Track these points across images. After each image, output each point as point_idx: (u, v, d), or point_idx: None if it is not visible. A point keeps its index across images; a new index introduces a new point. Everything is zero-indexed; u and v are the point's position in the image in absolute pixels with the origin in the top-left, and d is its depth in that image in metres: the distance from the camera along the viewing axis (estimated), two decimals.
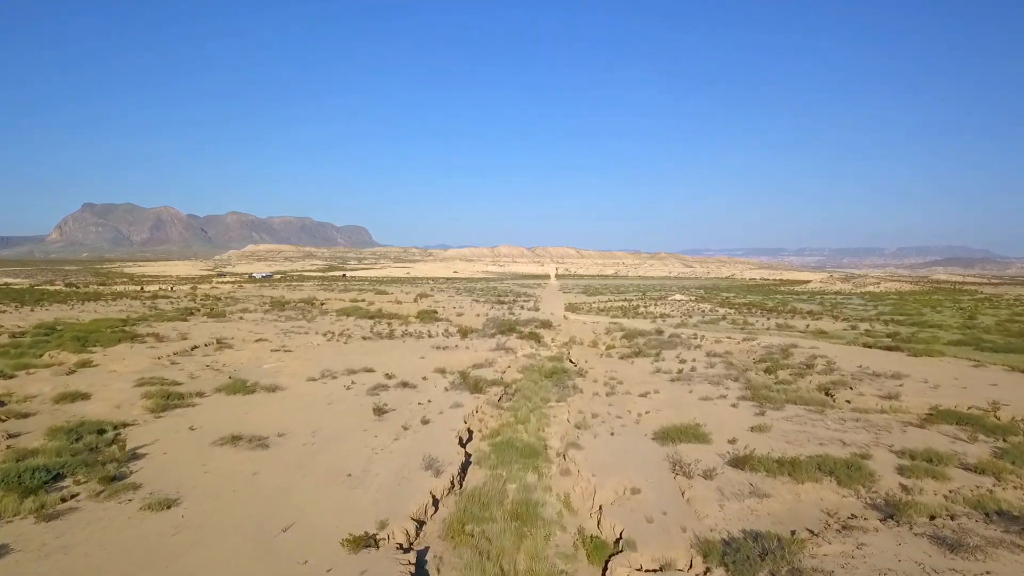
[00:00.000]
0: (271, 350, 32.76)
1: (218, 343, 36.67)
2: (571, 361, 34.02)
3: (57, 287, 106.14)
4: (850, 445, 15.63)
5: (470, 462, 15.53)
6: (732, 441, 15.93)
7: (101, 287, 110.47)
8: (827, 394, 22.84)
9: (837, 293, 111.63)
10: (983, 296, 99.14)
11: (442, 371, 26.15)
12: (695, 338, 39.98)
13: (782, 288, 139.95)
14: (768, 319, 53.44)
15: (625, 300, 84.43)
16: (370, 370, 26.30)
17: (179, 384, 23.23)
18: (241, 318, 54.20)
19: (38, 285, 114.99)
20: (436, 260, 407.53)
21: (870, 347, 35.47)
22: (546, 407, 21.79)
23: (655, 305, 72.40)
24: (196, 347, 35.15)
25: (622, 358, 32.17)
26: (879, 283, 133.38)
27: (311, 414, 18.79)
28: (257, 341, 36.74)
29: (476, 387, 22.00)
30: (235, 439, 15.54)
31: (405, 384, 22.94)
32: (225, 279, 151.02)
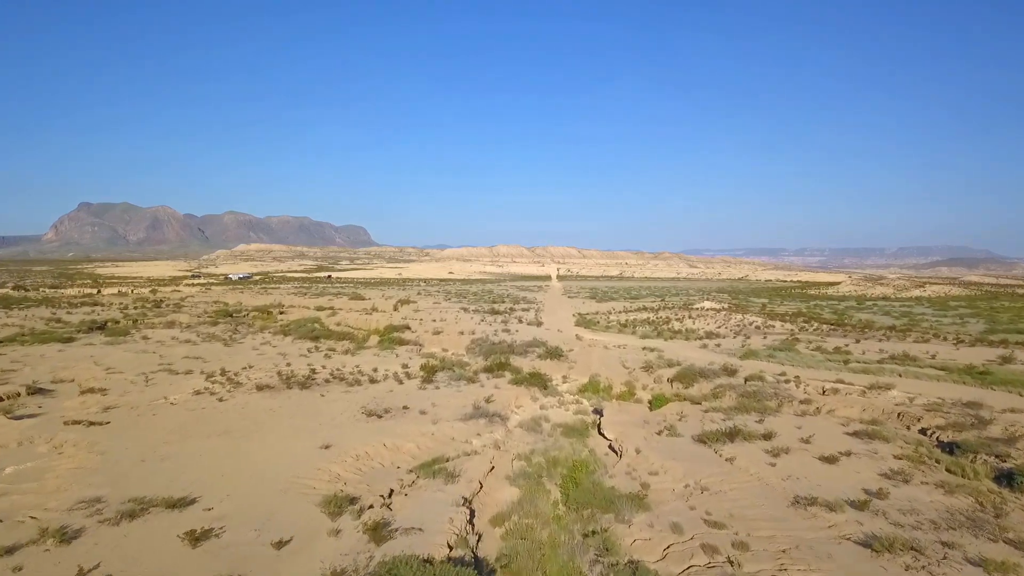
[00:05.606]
0: (71, 421, 18.38)
1: (26, 393, 22.55)
2: (603, 435, 19.71)
3: (4, 291, 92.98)
4: None
5: None
6: None
7: (50, 290, 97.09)
8: None
9: (884, 299, 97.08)
10: None
11: (339, 505, 11.82)
12: (786, 380, 25.67)
13: (811, 292, 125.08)
14: (858, 342, 38.99)
15: (646, 309, 69.79)
16: (185, 502, 12.03)
17: None
18: (145, 337, 40.32)
19: None
20: (432, 260, 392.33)
21: None
22: None
23: (689, 318, 57.84)
24: None
25: (701, 440, 17.66)
26: (924, 286, 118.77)
27: None
28: (84, 394, 22.37)
29: None
30: None
31: None
32: (196, 281, 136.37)
